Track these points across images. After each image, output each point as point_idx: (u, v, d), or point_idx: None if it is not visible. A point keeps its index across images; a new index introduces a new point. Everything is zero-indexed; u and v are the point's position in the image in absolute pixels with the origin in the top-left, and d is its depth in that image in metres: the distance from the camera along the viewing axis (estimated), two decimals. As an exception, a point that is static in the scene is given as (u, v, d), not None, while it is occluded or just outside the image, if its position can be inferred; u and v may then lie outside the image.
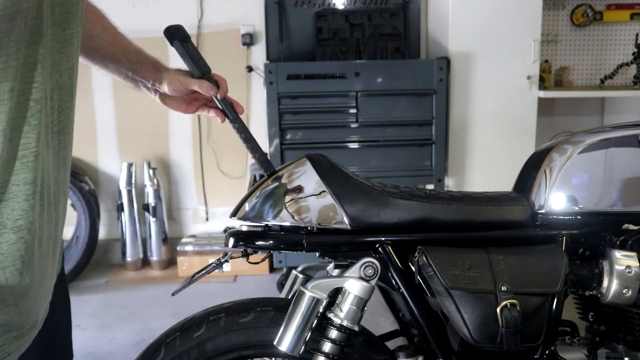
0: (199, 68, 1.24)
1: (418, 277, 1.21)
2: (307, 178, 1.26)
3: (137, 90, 1.27)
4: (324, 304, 1.19)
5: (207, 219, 3.94)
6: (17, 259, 0.78)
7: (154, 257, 3.71)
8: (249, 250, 1.27)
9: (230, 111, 1.27)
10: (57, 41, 0.82)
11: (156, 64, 1.25)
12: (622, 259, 1.27)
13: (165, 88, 1.23)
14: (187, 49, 1.24)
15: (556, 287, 1.19)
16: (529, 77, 3.30)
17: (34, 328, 0.87)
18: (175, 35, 1.25)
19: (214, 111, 1.30)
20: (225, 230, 3.41)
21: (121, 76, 1.24)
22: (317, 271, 1.41)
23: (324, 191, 1.24)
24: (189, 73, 1.25)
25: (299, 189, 1.26)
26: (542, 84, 3.57)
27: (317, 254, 1.29)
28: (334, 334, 1.19)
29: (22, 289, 0.80)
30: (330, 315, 1.20)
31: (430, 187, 3.12)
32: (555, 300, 1.22)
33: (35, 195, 0.79)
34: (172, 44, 1.25)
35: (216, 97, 1.25)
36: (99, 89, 3.72)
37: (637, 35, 3.67)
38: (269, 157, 3.09)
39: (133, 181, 3.68)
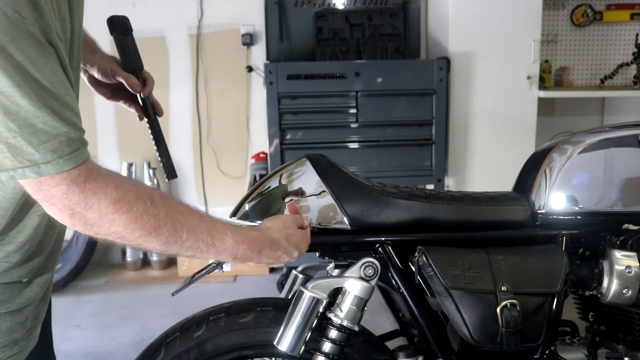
0: (131, 63, 1.25)
1: (418, 277, 1.21)
2: (307, 178, 1.26)
3: None
4: (324, 304, 1.19)
5: (207, 219, 3.94)
6: None
7: (154, 257, 3.71)
8: (249, 250, 1.26)
9: (151, 111, 1.27)
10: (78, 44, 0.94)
11: (93, 46, 1.26)
12: (622, 259, 1.27)
13: (94, 72, 1.25)
14: (124, 42, 1.24)
15: (556, 287, 1.19)
16: (529, 77, 3.30)
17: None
18: (117, 26, 1.25)
19: (135, 107, 1.31)
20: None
21: None
22: (317, 271, 1.41)
23: (324, 191, 1.24)
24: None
25: (299, 189, 1.26)
26: (542, 84, 3.57)
27: (317, 254, 1.28)
28: (334, 334, 1.19)
29: None
30: (330, 315, 1.19)
31: (430, 187, 3.12)
32: (555, 300, 1.22)
33: None
34: (111, 34, 1.25)
35: (140, 95, 1.26)
36: (99, 89, 3.71)
37: (637, 35, 3.66)
38: (268, 157, 3.14)
39: (133, 181, 3.68)
